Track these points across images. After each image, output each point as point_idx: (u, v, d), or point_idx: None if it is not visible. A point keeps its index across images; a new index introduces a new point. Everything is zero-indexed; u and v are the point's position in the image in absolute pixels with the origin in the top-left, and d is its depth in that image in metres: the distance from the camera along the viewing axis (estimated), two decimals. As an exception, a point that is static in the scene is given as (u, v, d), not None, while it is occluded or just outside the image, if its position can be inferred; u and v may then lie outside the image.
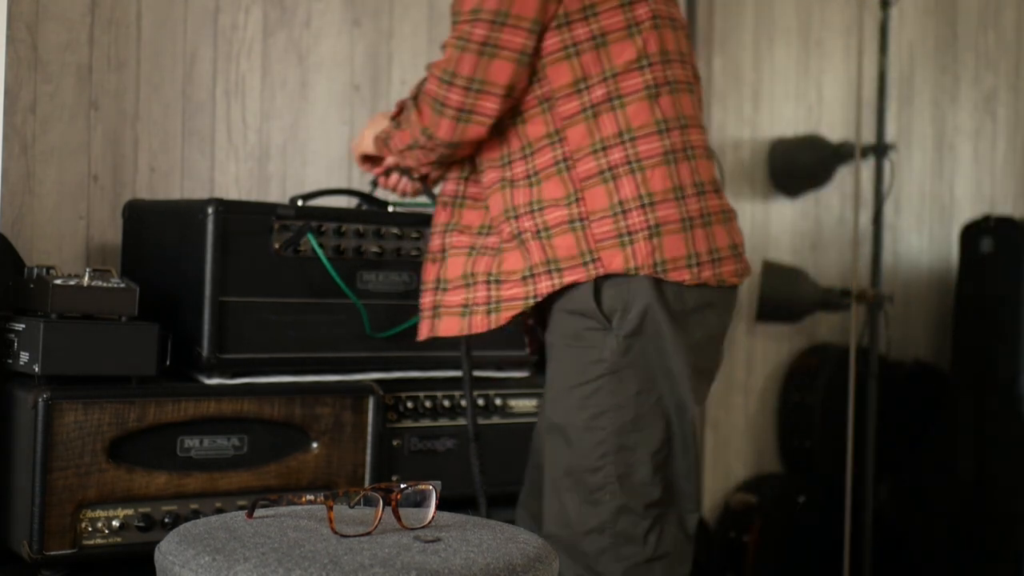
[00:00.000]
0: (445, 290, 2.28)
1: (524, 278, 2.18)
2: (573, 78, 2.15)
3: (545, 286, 2.16)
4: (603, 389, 2.15)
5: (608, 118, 2.15)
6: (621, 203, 2.12)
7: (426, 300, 2.31)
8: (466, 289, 2.25)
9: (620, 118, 2.14)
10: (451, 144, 2.20)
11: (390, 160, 2.46)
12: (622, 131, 2.14)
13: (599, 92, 2.15)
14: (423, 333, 2.30)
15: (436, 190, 2.45)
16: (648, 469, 2.16)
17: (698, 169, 2.19)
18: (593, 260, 2.13)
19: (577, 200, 2.14)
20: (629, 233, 2.12)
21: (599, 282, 2.13)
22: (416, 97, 2.27)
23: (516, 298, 2.19)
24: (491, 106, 2.14)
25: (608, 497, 2.15)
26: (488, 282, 2.23)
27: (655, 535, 2.17)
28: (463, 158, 2.31)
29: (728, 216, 2.24)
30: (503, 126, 2.22)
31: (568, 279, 2.14)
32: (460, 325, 2.25)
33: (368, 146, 2.48)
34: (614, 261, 2.11)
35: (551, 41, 2.14)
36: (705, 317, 2.19)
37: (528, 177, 2.19)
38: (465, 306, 2.25)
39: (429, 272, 2.31)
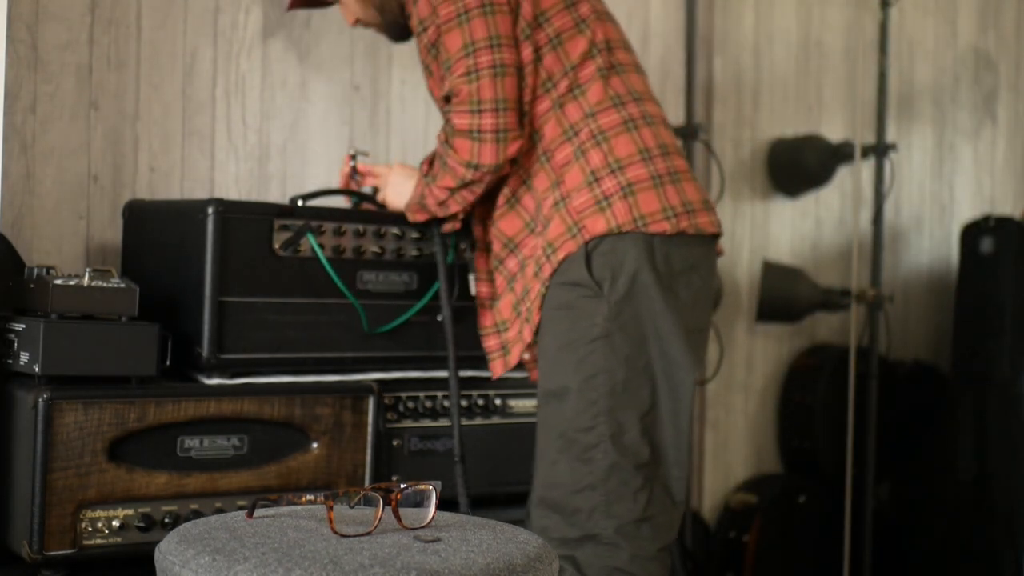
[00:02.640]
0: (506, 329, 2.46)
1: (536, 274, 2.35)
2: (541, 80, 2.36)
3: (547, 270, 2.32)
4: (596, 352, 2.27)
5: (573, 106, 2.36)
6: (593, 173, 2.30)
7: (492, 343, 2.49)
8: (519, 319, 2.42)
9: (583, 103, 2.35)
10: (497, 166, 2.32)
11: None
12: (585, 114, 2.35)
13: (563, 86, 2.36)
14: (498, 372, 2.48)
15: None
16: (637, 430, 2.27)
17: (659, 133, 2.37)
18: (579, 230, 2.28)
19: (558, 184, 2.32)
20: (606, 198, 2.28)
21: (589, 251, 2.28)
22: (446, 141, 2.35)
23: (536, 295, 2.35)
24: (514, 120, 2.31)
25: (601, 455, 2.26)
26: (524, 299, 2.40)
27: (644, 496, 2.27)
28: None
29: (695, 179, 2.41)
30: None
31: (561, 255, 2.29)
32: (521, 348, 2.42)
33: (399, 209, 2.56)
34: (597, 225, 2.27)
35: (525, 52, 2.34)
36: (691, 279, 2.33)
37: (524, 183, 2.39)
38: (519, 332, 2.42)
39: (487, 318, 2.49)
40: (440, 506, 1.59)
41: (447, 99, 2.37)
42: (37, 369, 2.11)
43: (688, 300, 2.32)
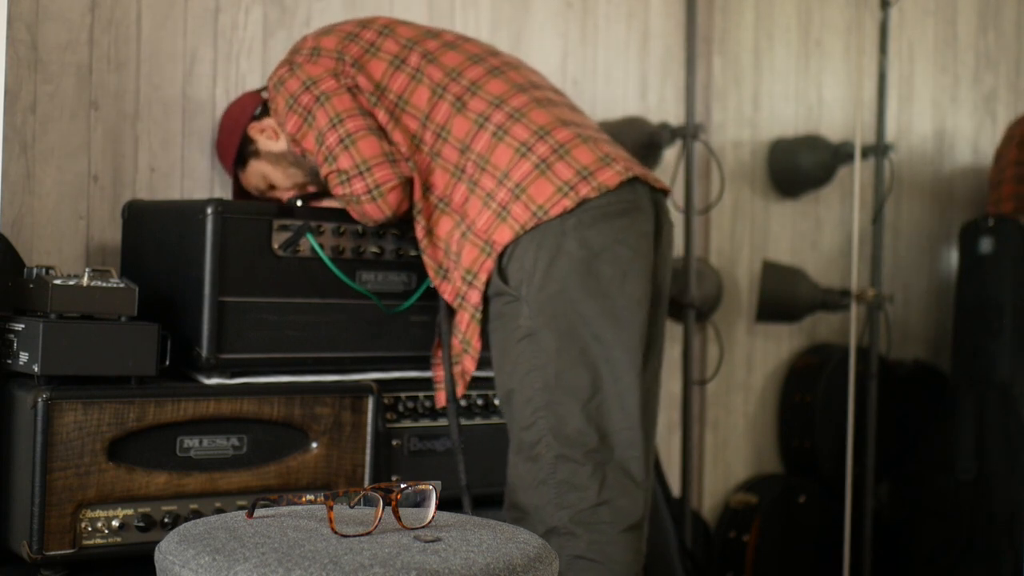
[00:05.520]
0: (456, 363, 2.49)
1: (461, 305, 2.39)
2: (409, 139, 2.44)
3: (472, 297, 2.36)
4: (525, 352, 2.32)
5: (447, 149, 2.42)
6: (488, 195, 2.36)
7: (442, 373, 2.51)
8: (463, 352, 2.46)
9: (453, 142, 2.42)
10: (387, 218, 2.41)
11: None
12: (460, 150, 2.41)
13: (428, 137, 2.44)
14: (443, 402, 2.50)
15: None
16: (580, 419, 2.29)
17: (533, 120, 2.39)
18: (491, 246, 2.32)
19: (462, 219, 2.37)
20: (503, 207, 2.32)
21: (504, 263, 2.32)
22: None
23: (467, 322, 2.39)
24: (384, 173, 2.38)
25: (545, 450, 2.30)
26: (459, 332, 2.44)
27: (596, 481, 2.29)
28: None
29: (587, 136, 2.40)
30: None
31: (483, 276, 2.34)
32: (466, 380, 2.48)
33: None
34: (504, 235, 2.32)
35: (380, 116, 2.42)
36: (616, 253, 2.32)
37: (427, 234, 2.43)
38: (465, 364, 2.47)
39: (457, 347, 2.51)
40: (440, 506, 1.59)
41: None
42: (37, 369, 2.11)
43: (616, 275, 2.31)
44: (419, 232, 2.44)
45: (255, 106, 2.67)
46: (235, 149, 2.67)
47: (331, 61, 2.46)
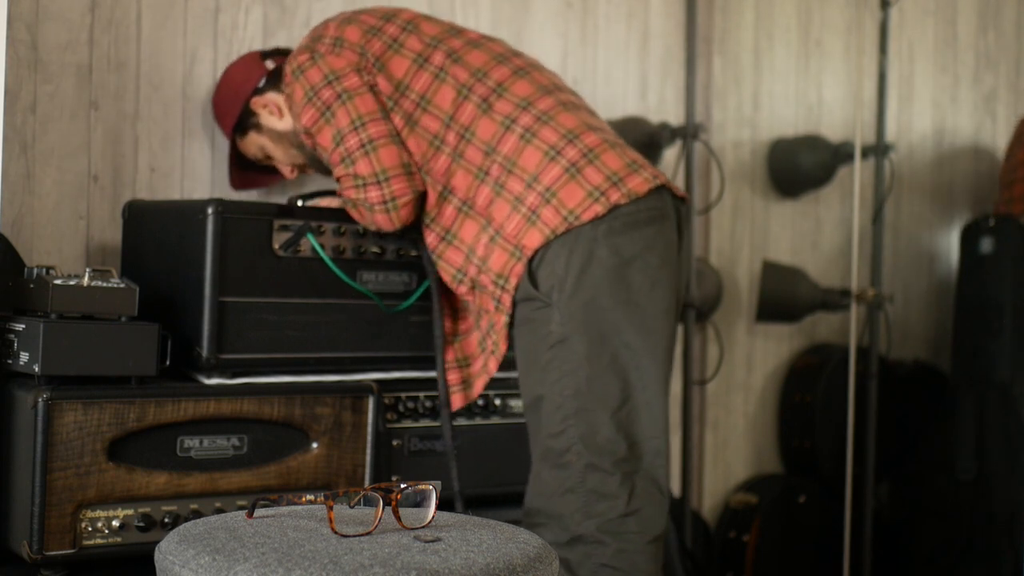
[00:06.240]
0: (468, 365, 2.50)
1: (496, 307, 2.37)
2: (428, 140, 2.41)
3: (506, 301, 2.34)
4: (556, 358, 2.29)
5: (471, 150, 2.38)
6: (517, 199, 2.33)
7: (453, 377, 2.51)
8: (483, 353, 2.45)
9: (478, 144, 2.38)
10: (394, 229, 2.43)
11: None
12: (486, 151, 2.37)
13: (451, 138, 2.40)
14: (458, 405, 2.50)
15: None
16: (610, 428, 2.28)
17: (561, 123, 2.36)
18: (521, 250, 2.30)
19: (488, 223, 2.34)
20: (533, 211, 2.30)
21: (533, 267, 2.30)
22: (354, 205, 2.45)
23: (502, 326, 2.38)
24: (402, 186, 2.38)
25: (574, 458, 2.28)
26: (490, 332, 2.42)
27: (626, 490, 2.28)
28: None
29: (613, 142, 2.39)
30: None
31: (514, 280, 2.31)
32: (486, 380, 2.48)
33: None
34: (534, 239, 2.29)
35: (396, 121, 2.39)
36: (646, 261, 2.31)
37: (443, 239, 2.42)
38: (484, 365, 2.46)
39: (448, 353, 2.51)
40: (440, 506, 1.59)
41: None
42: (37, 369, 2.11)
43: (645, 284, 2.31)
44: (432, 239, 2.43)
45: (259, 78, 2.66)
46: (235, 118, 2.67)
47: (354, 55, 2.43)
